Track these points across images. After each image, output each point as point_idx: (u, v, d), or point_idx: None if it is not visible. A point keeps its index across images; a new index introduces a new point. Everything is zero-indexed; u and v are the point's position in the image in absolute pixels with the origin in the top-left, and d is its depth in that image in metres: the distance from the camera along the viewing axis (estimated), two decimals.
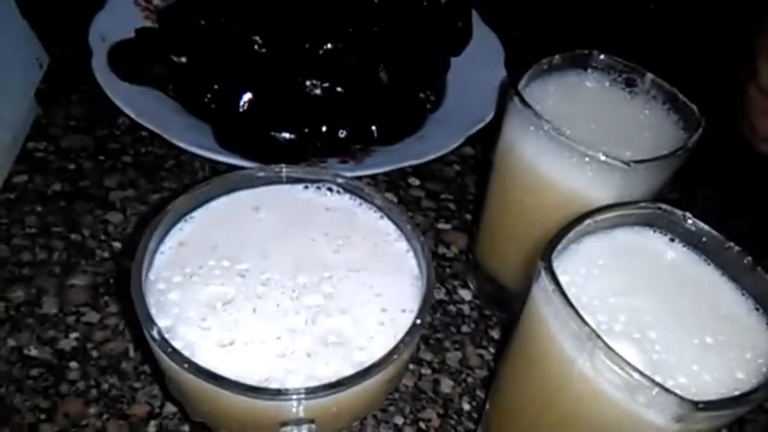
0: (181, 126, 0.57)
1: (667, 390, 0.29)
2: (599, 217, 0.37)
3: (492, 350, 0.55)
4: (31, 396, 0.46)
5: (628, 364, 0.29)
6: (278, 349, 0.33)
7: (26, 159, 0.61)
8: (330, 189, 0.41)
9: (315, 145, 0.58)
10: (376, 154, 0.61)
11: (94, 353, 0.49)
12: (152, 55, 0.59)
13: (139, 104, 0.57)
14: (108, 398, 0.47)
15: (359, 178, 0.61)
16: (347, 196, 0.41)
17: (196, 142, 0.55)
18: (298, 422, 0.31)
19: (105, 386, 0.47)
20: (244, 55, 0.58)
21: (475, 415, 0.50)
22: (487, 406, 0.46)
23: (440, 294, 0.58)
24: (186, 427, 0.46)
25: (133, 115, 0.56)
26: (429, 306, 0.35)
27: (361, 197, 0.41)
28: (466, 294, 0.58)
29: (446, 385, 0.52)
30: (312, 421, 0.32)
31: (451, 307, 0.57)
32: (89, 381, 0.47)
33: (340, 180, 0.41)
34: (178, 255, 0.36)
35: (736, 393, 0.31)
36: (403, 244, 0.39)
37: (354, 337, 0.34)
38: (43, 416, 0.45)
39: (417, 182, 0.67)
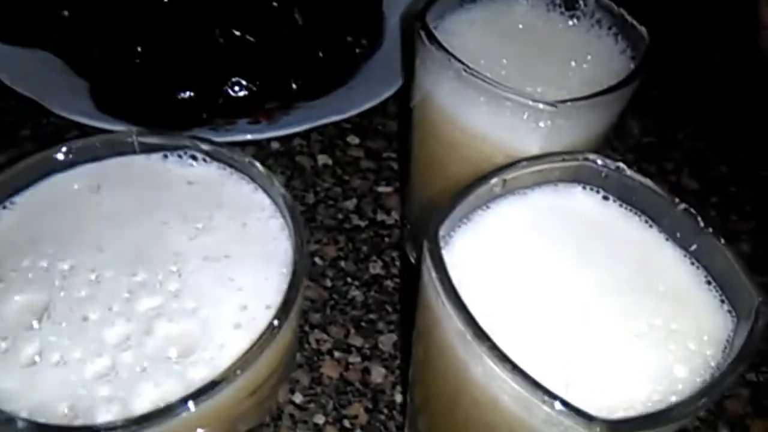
0: (66, 90, 0.50)
1: (572, 408, 0.22)
2: (510, 175, 0.29)
3: None
4: None
5: (523, 374, 0.22)
6: (96, 370, 0.26)
7: None
8: (194, 157, 0.34)
9: (219, 105, 0.50)
10: (297, 111, 0.53)
11: None
12: (30, 10, 0.51)
13: (19, 68, 0.50)
14: None
15: (281, 139, 0.54)
16: (215, 165, 0.34)
17: (81, 108, 0.48)
18: None
19: None
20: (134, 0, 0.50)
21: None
22: (409, 398, 0.39)
23: (377, 267, 0.51)
24: None
25: (6, 81, 0.48)
26: (295, 301, 0.28)
27: (232, 166, 0.34)
28: (404, 267, 0.51)
29: (377, 374, 0.45)
30: None
31: (388, 282, 0.50)
32: None
33: (205, 146, 0.33)
34: None
35: (672, 400, 0.24)
36: (278, 221, 0.32)
37: (200, 346, 0.27)
38: None
39: (356, 140, 0.60)
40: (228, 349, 0.27)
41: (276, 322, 0.27)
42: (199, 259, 0.30)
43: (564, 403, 0.22)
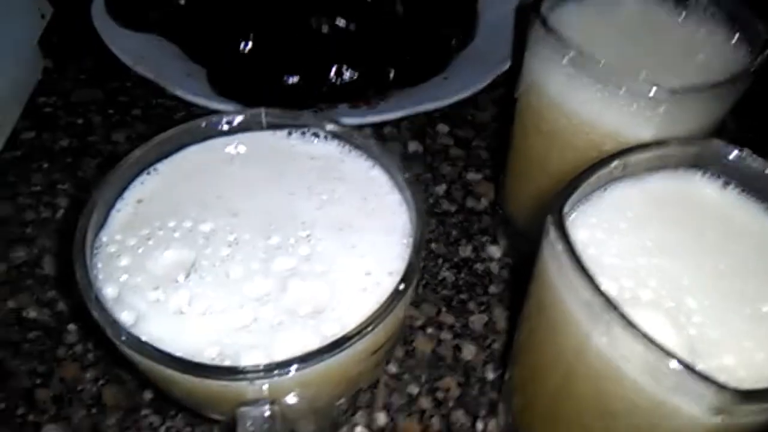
0: (182, 73, 0.53)
1: (700, 375, 0.23)
2: (631, 158, 0.30)
3: None
4: (28, 360, 0.44)
5: (651, 341, 0.23)
6: (239, 321, 0.29)
7: (33, 114, 0.59)
8: (316, 135, 0.36)
9: (323, 90, 0.52)
10: (394, 98, 0.55)
11: None
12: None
13: (138, 52, 0.53)
14: (105, 363, 0.45)
15: (373, 125, 0.56)
16: (335, 143, 0.36)
17: (195, 90, 0.51)
18: (257, 403, 0.27)
19: (102, 350, 0.45)
20: None
21: (499, 385, 0.45)
22: (507, 376, 0.41)
23: (467, 251, 0.52)
24: None
25: (129, 63, 0.52)
26: (417, 269, 0.29)
27: (351, 144, 0.36)
28: (495, 251, 0.52)
29: (468, 352, 0.47)
30: (273, 402, 0.27)
31: (478, 266, 0.52)
32: (87, 345, 0.45)
33: (328, 125, 0.36)
34: (135, 214, 0.32)
35: None
36: (395, 197, 0.34)
37: (330, 306, 0.29)
38: (39, 381, 0.43)
39: (446, 129, 0.61)
40: (355, 309, 0.29)
41: (401, 286, 0.29)
42: (325, 227, 0.32)
43: (694, 370, 0.22)
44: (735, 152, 0.30)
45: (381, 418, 0.43)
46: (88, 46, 0.63)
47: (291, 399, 0.29)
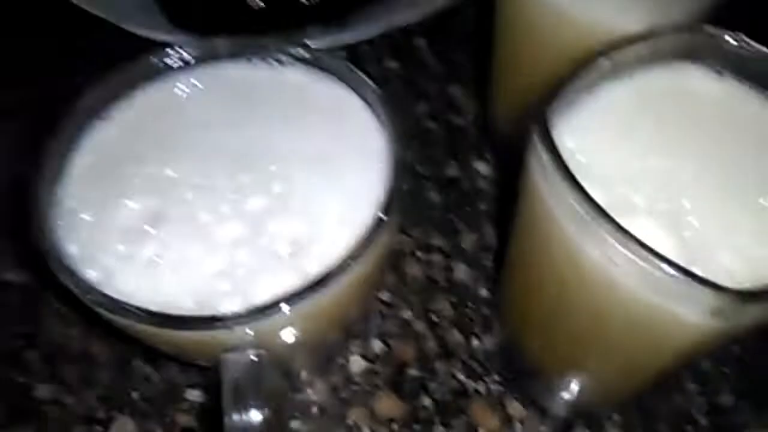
0: (133, 6, 0.49)
1: (697, 279, 0.21)
2: (618, 55, 0.28)
3: None
4: (12, 322, 0.43)
5: (645, 248, 0.22)
6: (214, 267, 0.27)
7: None
8: (280, 61, 0.33)
9: (290, 13, 0.48)
10: (365, 14, 0.51)
11: None
12: None
13: None
14: (91, 318, 0.43)
15: (344, 47, 0.52)
16: (302, 68, 0.33)
17: (151, 23, 0.47)
18: (241, 349, 0.26)
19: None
20: None
21: (493, 302, 0.44)
22: (500, 293, 0.40)
23: (453, 170, 0.51)
24: None
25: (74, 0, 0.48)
26: (398, 195, 0.28)
27: (319, 68, 0.33)
28: (482, 168, 0.51)
29: (460, 272, 0.46)
30: (259, 346, 0.26)
31: (466, 184, 0.50)
32: (71, 302, 0.44)
33: (293, 50, 0.33)
34: (92, 165, 0.30)
35: None
36: (371, 121, 0.31)
37: (309, 242, 0.28)
38: (25, 342, 0.42)
39: (424, 42, 0.58)
40: (336, 244, 0.28)
41: (383, 215, 0.27)
42: (298, 160, 0.30)
43: (690, 273, 0.21)
44: (729, 39, 0.28)
45: (376, 346, 0.43)
46: None
47: (278, 341, 0.27)
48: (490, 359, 0.42)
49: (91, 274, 0.26)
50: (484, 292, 0.45)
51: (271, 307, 0.25)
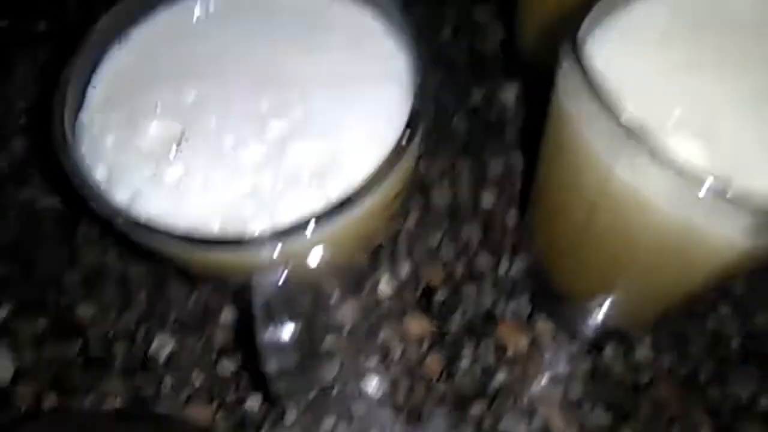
0: None
1: (734, 197, 0.21)
2: None
3: None
4: (50, 248, 0.45)
5: (679, 167, 0.21)
6: (239, 190, 0.27)
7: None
8: None
9: None
10: None
11: None
12: None
13: None
14: (126, 244, 0.45)
15: None
16: None
17: None
18: (270, 270, 0.27)
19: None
20: None
21: (522, 227, 0.44)
22: (527, 217, 0.40)
23: (479, 97, 0.49)
24: None
25: None
26: (420, 116, 0.27)
27: None
28: (508, 94, 0.49)
29: (487, 198, 0.45)
30: (286, 267, 0.27)
31: (492, 109, 0.49)
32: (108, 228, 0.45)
33: None
34: (112, 89, 0.29)
35: None
36: (392, 42, 0.30)
37: (332, 165, 0.28)
38: (64, 267, 0.44)
39: None
40: (360, 166, 0.27)
41: (405, 137, 0.27)
42: (318, 83, 0.30)
43: (727, 192, 0.21)
44: None
45: (404, 269, 0.43)
46: None
47: (306, 261, 0.28)
48: (519, 283, 0.42)
49: (119, 197, 0.27)
50: (511, 217, 0.45)
51: (296, 228, 0.25)
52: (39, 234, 0.45)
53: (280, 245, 0.25)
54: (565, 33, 0.24)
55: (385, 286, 0.43)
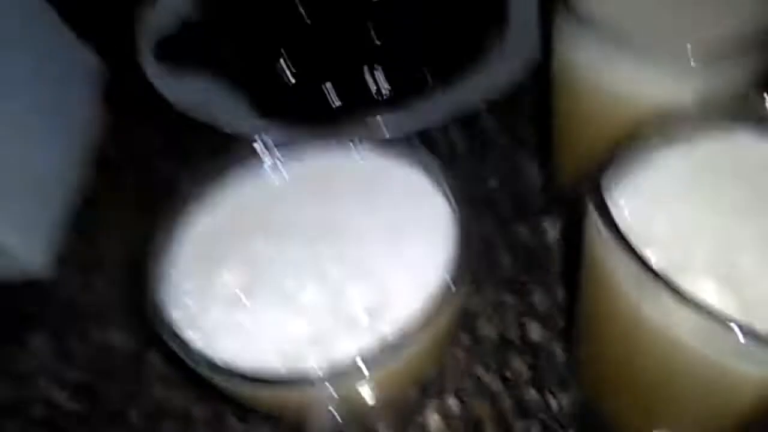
0: (236, 109, 0.56)
1: (758, 337, 0.22)
2: (670, 124, 0.29)
3: None
4: (118, 383, 0.48)
5: (703, 308, 0.23)
6: (299, 330, 0.30)
7: (103, 166, 0.61)
8: (358, 150, 0.37)
9: (364, 103, 0.53)
10: (433, 99, 0.55)
11: None
12: (194, 43, 0.58)
13: (190, 95, 0.56)
14: (190, 382, 0.47)
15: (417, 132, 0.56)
16: (378, 156, 0.36)
17: (245, 122, 0.53)
18: (324, 404, 0.29)
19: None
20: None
21: (569, 362, 0.45)
22: (574, 352, 0.40)
23: (524, 234, 0.52)
24: None
25: (182, 109, 0.55)
26: (462, 262, 0.30)
27: (392, 154, 0.36)
28: (551, 231, 0.52)
29: (534, 332, 0.47)
30: (340, 401, 0.29)
31: (536, 247, 0.51)
32: (171, 366, 0.48)
33: (368, 140, 0.37)
34: (194, 244, 0.34)
35: None
36: (439, 200, 0.34)
37: (383, 308, 0.30)
38: (129, 402, 0.47)
39: (492, 120, 0.60)
40: (409, 308, 0.30)
41: (452, 285, 0.29)
42: (376, 234, 0.33)
43: (752, 331, 0.22)
44: None
45: (453, 404, 0.44)
46: (148, 96, 0.65)
47: (358, 399, 0.30)
48: (567, 418, 0.42)
49: (193, 337, 0.30)
50: (558, 352, 0.45)
51: (350, 367, 0.27)
52: (107, 369, 0.48)
53: (334, 383, 0.27)
54: (591, 181, 0.27)
55: (433, 422, 0.43)
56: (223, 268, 0.32)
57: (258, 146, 0.36)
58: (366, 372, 0.27)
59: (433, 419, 0.44)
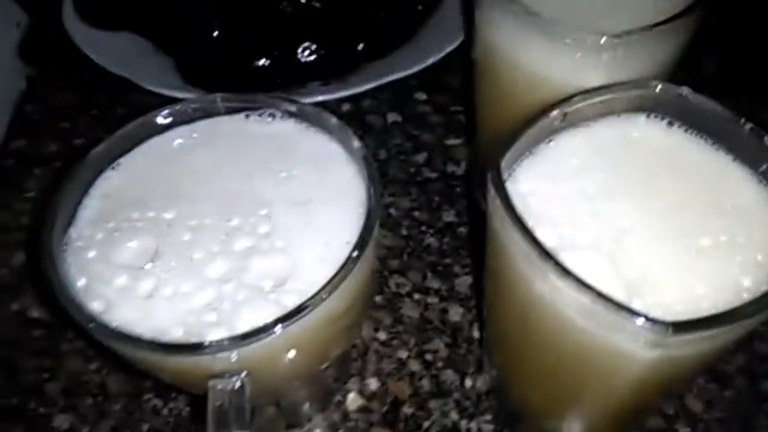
0: (156, 68, 0.54)
1: (633, 312, 0.23)
2: (571, 107, 0.30)
3: None
4: (35, 356, 0.47)
5: (584, 284, 0.24)
6: (203, 300, 0.30)
7: (21, 123, 0.60)
8: (272, 115, 0.37)
9: (292, 70, 0.53)
10: (365, 71, 0.55)
11: None
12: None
13: (111, 51, 0.55)
14: (107, 353, 0.47)
15: (350, 99, 0.56)
16: (292, 121, 0.37)
17: (171, 83, 0.52)
18: (226, 375, 0.29)
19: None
20: None
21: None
22: (485, 333, 0.42)
23: (449, 216, 0.53)
24: None
25: (103, 64, 0.53)
26: (371, 236, 0.30)
27: (308, 121, 0.36)
28: (474, 214, 0.53)
29: (455, 313, 0.48)
30: (243, 373, 0.29)
31: (461, 230, 0.52)
32: (89, 339, 0.48)
33: (284, 105, 0.36)
34: (101, 208, 0.33)
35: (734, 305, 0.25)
36: (351, 169, 0.34)
37: (290, 279, 0.31)
38: (46, 375, 0.46)
39: (423, 96, 0.61)
40: (315, 280, 0.30)
41: (355, 254, 0.30)
42: (284, 203, 0.33)
43: (626, 307, 0.23)
44: (676, 92, 0.30)
45: (372, 384, 0.45)
46: (67, 50, 0.64)
47: (263, 369, 0.30)
48: (482, 399, 0.43)
49: (94, 305, 0.29)
50: (476, 333, 0.46)
51: (250, 335, 0.27)
52: (26, 343, 0.47)
53: (236, 351, 0.28)
54: (491, 163, 0.28)
55: (352, 401, 0.44)
56: (128, 235, 0.32)
57: (174, 109, 0.36)
58: (266, 339, 0.28)
59: (353, 398, 0.44)
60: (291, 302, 0.29)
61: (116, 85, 0.61)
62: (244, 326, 0.29)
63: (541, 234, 0.26)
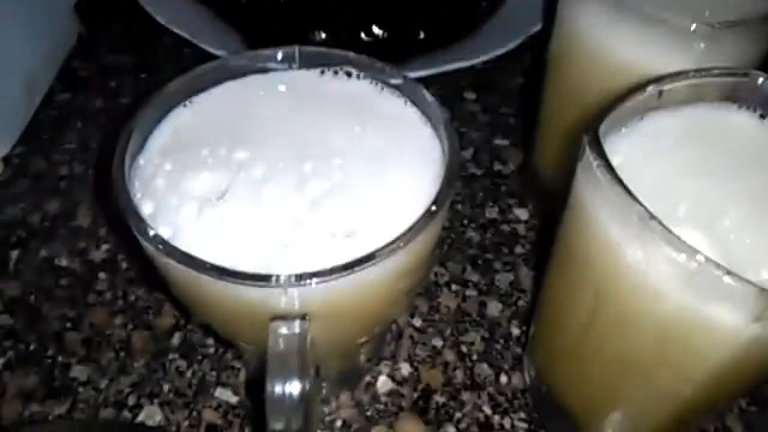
0: (214, 34, 0.54)
1: (742, 278, 0.22)
2: (667, 87, 0.30)
3: None
4: (59, 305, 0.45)
5: (691, 248, 0.23)
6: (274, 239, 0.29)
7: (68, 77, 0.60)
8: (348, 74, 0.36)
9: (352, 48, 0.52)
10: (421, 60, 0.55)
11: (124, 265, 0.48)
12: None
13: (172, 13, 0.54)
14: (134, 309, 0.45)
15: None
16: (367, 81, 0.36)
17: (229, 47, 0.52)
18: (289, 317, 0.27)
19: (132, 297, 0.46)
20: None
21: (524, 340, 0.45)
22: (531, 331, 0.40)
23: (493, 213, 0.52)
24: (210, 340, 0.44)
25: (162, 21, 0.53)
26: (448, 194, 0.29)
27: (383, 82, 0.36)
28: (522, 213, 0.52)
29: (493, 308, 0.47)
30: (304, 317, 0.28)
31: (505, 227, 0.51)
32: (116, 292, 0.46)
33: (360, 63, 0.36)
34: (171, 141, 0.32)
35: None
36: (427, 132, 0.34)
37: (361, 229, 0.30)
38: (69, 324, 0.44)
39: (473, 96, 0.61)
40: (386, 232, 0.29)
41: (433, 208, 0.29)
42: (358, 157, 0.32)
43: (736, 274, 0.22)
44: None
45: (404, 369, 0.43)
46: (121, 11, 0.64)
47: (324, 318, 0.29)
48: (517, 397, 0.42)
49: (161, 231, 0.28)
50: (515, 331, 0.45)
51: (321, 274, 0.26)
52: (52, 290, 0.46)
53: (303, 290, 0.26)
54: (588, 128, 0.27)
55: (383, 384, 0.42)
56: (198, 169, 0.31)
57: (250, 57, 0.35)
58: (332, 285, 0.26)
59: (384, 381, 0.43)
60: (361, 252, 0.28)
61: (168, 50, 0.62)
62: (314, 267, 0.27)
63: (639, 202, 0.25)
